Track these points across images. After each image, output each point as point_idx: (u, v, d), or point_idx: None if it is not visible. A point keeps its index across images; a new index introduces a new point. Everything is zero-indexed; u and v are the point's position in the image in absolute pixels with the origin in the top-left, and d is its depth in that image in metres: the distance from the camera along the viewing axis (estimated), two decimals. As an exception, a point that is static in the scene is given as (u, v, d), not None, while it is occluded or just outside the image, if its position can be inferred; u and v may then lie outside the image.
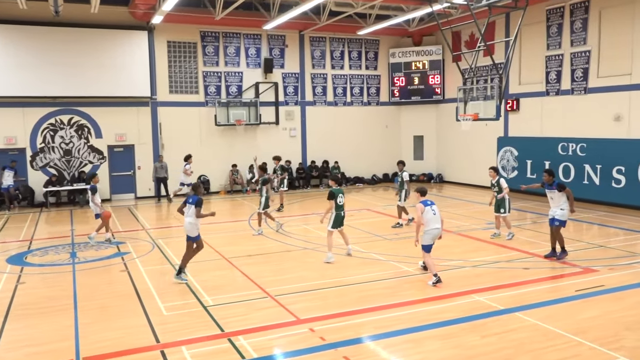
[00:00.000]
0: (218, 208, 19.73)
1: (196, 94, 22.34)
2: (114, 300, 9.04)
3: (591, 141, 17.75)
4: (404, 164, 15.00)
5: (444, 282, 9.69)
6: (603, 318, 7.75)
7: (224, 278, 10.20)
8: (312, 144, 24.39)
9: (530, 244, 12.39)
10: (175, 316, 8.17)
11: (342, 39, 24.55)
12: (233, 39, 22.65)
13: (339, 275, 10.15)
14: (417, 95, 25.13)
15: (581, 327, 7.38)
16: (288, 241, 13.23)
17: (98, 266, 11.28)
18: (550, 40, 19.36)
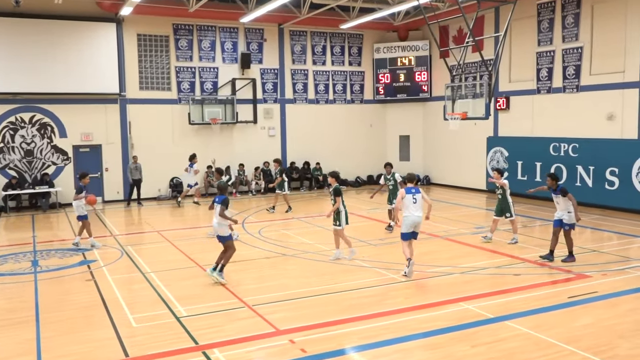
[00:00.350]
0: (192, 212, 19.61)
1: (168, 91, 22.20)
2: (80, 311, 8.92)
3: (584, 141, 18.04)
4: (392, 166, 15.02)
5: (431, 289, 9.75)
6: (596, 326, 7.87)
7: (198, 287, 10.12)
8: (292, 144, 24.38)
9: (521, 249, 12.53)
10: (145, 328, 8.09)
11: (324, 33, 24.61)
12: (208, 32, 22.56)
13: (321, 283, 10.15)
14: (403, 92, 25.29)
15: (574, 336, 7.49)
16: (267, 247, 13.20)
17: (62, 275, 11.13)
18: (541, 35, 19.64)
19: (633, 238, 13.66)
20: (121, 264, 12.02)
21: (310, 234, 14.84)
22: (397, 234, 14.37)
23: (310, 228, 15.69)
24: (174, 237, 14.61)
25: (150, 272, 11.19)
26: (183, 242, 13.97)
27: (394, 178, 14.52)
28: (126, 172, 20.81)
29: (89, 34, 20.40)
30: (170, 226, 16.74)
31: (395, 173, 14.63)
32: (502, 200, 13.12)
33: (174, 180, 22.29)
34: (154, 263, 11.94)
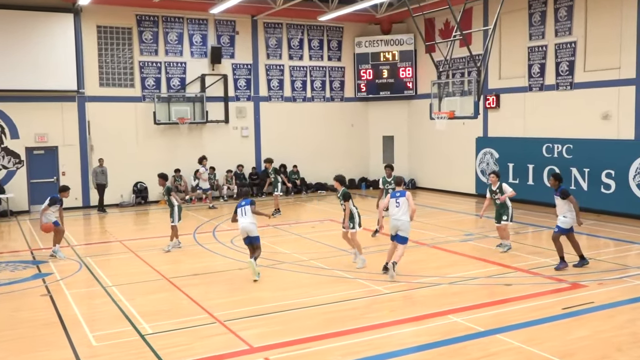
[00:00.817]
0: (158, 219, 19.45)
1: (132, 88, 22.02)
2: (34, 329, 8.78)
3: (578, 142, 18.33)
4: (393, 169, 15.04)
5: (418, 301, 9.81)
6: (592, 338, 7.98)
7: (165, 301, 10.05)
8: (267, 145, 24.35)
9: (513, 257, 12.67)
10: (106, 347, 8.00)
11: (301, 25, 24.65)
12: (175, 24, 22.44)
13: (299, 295, 10.14)
14: (386, 90, 25.44)
15: (569, 349, 7.58)
16: (240, 257, 13.14)
17: (14, 290, 10.95)
18: (533, 29, 19.93)
19: (631, 245, 13.91)
20: (80, 277, 11.86)
21: (287, 242, 14.82)
22: (382, 241, 14.45)
23: (287, 236, 15.66)
24: (138, 247, 14.48)
25: (111, 285, 11.07)
26: (148, 253, 13.85)
27: (395, 181, 14.22)
28: (92, 176, 20.58)
29: (43, 25, 20.14)
30: (134, 235, 16.58)
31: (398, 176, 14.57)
32: (502, 204, 13.09)
33: (138, 185, 22.10)
34: (116, 276, 11.81)
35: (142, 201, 22.12)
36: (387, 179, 14.79)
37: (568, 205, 11.56)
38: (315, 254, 13.34)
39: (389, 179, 14.74)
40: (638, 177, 16.72)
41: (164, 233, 16.29)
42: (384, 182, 14.82)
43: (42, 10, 20.12)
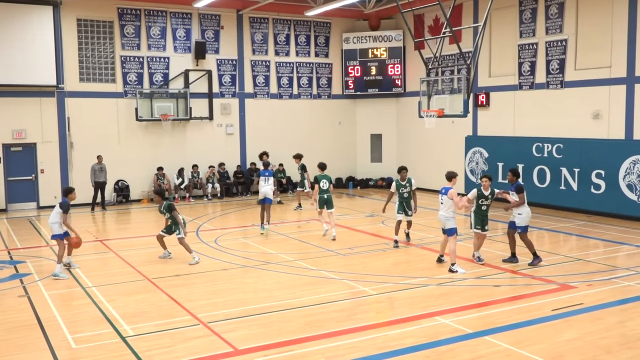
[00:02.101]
0: (141, 219, 19.39)
1: (113, 83, 21.90)
2: (11, 332, 8.73)
3: (568, 141, 18.50)
4: (407, 170, 14.30)
5: (405, 303, 9.87)
6: (581, 340, 8.08)
7: (147, 303, 10.03)
8: (253, 143, 24.32)
9: (502, 257, 12.75)
10: (86, 349, 7.97)
11: (287, 20, 24.64)
12: (158, 17, 22.35)
13: (283, 297, 10.16)
14: (374, 87, 25.51)
15: (558, 352, 7.67)
16: (224, 258, 13.14)
17: (-10, 291, 10.86)
18: (523, 27, 20.08)
19: (620, 245, 14.08)
20: (58, 277, 11.80)
21: (273, 243, 14.84)
22: (364, 242, 14.50)
23: (273, 236, 15.67)
24: (119, 247, 14.43)
25: (91, 286, 11.02)
26: (130, 253, 13.80)
27: (410, 184, 13.96)
28: (91, 173, 20.42)
29: (21, 18, 19.96)
30: (115, 235, 16.51)
31: (412, 179, 14.07)
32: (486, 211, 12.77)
33: (119, 184, 22.00)
34: (97, 276, 11.76)
35: (123, 200, 22.02)
36: (402, 183, 14.01)
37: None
38: (301, 254, 13.36)
39: (403, 182, 14.00)
40: (628, 177, 16.92)
41: (145, 232, 16.26)
42: (398, 186, 14.00)
43: (21, 3, 19.92)
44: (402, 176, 14.13)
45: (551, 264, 12.21)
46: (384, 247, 14.14)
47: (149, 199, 22.35)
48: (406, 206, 14.05)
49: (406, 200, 14.04)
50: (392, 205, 14.53)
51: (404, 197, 14.04)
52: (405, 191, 14.03)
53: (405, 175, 14.13)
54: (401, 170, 14.29)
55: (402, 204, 14.04)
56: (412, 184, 14.04)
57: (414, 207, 14.14)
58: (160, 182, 21.96)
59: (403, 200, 14.04)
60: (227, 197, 23.13)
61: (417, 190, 14.46)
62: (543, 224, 16.72)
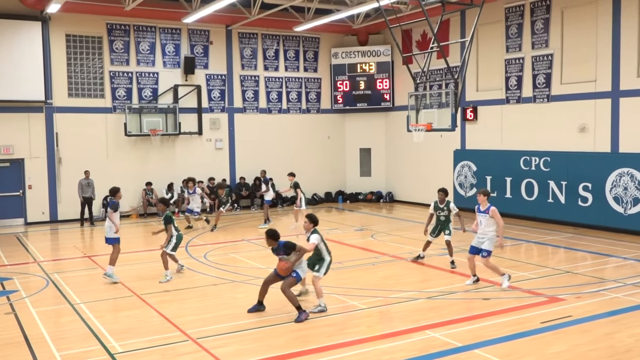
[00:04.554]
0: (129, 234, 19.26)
1: (102, 98, 21.87)
2: (-3, 349, 8.63)
3: (555, 155, 18.65)
4: (447, 193, 13.50)
5: (395, 316, 9.86)
6: (570, 352, 8.11)
7: (136, 319, 9.97)
8: (242, 157, 24.33)
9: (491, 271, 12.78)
10: (74, 367, 7.90)
11: (276, 35, 24.76)
12: (147, 33, 22.38)
13: (274, 311, 10.13)
14: (363, 101, 25.63)
15: (547, 364, 7.70)
16: (214, 273, 13.09)
17: (-23, 308, 10.75)
18: (510, 42, 20.30)
19: (608, 258, 14.16)
20: (46, 294, 11.70)
21: (262, 257, 14.77)
22: (354, 257, 14.50)
23: (262, 251, 15.61)
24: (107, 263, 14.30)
25: (80, 302, 10.94)
26: (118, 268, 13.67)
27: (448, 208, 13.30)
28: (78, 189, 20.30)
29: (9, 33, 19.92)
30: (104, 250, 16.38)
31: (451, 202, 13.41)
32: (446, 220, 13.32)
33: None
34: (85, 292, 11.68)
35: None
36: (440, 205, 13.35)
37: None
38: (290, 269, 13.31)
39: (441, 205, 13.33)
40: (614, 189, 17.07)
41: (134, 248, 16.17)
42: (436, 208, 13.40)
43: (9, 18, 19.90)
44: (440, 198, 13.32)
45: (540, 277, 12.26)
46: (374, 260, 14.15)
47: (137, 214, 22.25)
48: (442, 229, 13.39)
49: (442, 224, 13.37)
50: None
51: (440, 221, 13.39)
52: (442, 214, 13.32)
53: (444, 198, 13.29)
54: (440, 191, 13.39)
55: (437, 227, 13.43)
56: (451, 208, 13.28)
57: (462, 227, 13.24)
58: (148, 197, 21.88)
59: (439, 224, 13.40)
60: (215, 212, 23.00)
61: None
62: (531, 237, 16.82)
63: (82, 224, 20.37)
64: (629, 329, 9.01)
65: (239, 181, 24.12)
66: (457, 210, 13.39)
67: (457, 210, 13.39)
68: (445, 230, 13.36)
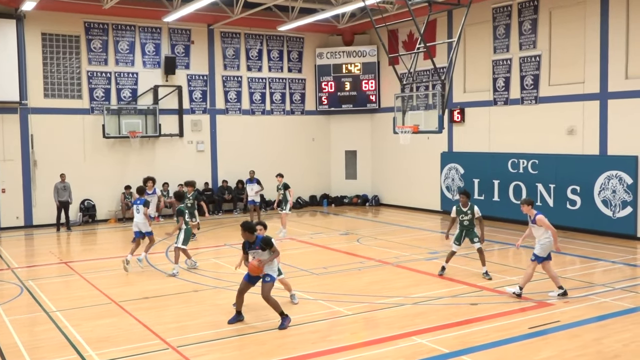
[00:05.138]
0: (108, 240, 19.13)
1: (79, 99, 21.72)
2: (-31, 359, 8.53)
3: (544, 157, 18.82)
4: (469, 197, 12.99)
5: (381, 322, 9.88)
6: (559, 358, 8.18)
7: (114, 327, 9.89)
8: (224, 160, 24.27)
9: (479, 275, 12.86)
10: (50, 377, 7.82)
11: (260, 35, 24.75)
12: (126, 32, 22.27)
13: (256, 318, 10.11)
14: (348, 103, 25.68)
15: (535, 370, 7.75)
16: (195, 279, 13.03)
17: (-52, 317, 10.61)
18: (497, 42, 20.45)
19: (596, 262, 14.31)
20: (20, 302, 11.57)
21: (244, 262, 14.74)
22: (339, 262, 14.51)
23: (245, 256, 15.58)
24: (84, 269, 14.23)
25: (55, 310, 10.84)
26: (96, 275, 13.62)
27: (472, 211, 12.69)
28: (54, 192, 20.09)
29: (-17, 32, 19.75)
30: (81, 256, 16.27)
31: (475, 206, 12.85)
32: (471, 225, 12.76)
33: (85, 203, 21.73)
34: (61, 300, 11.58)
35: (89, 220, 21.74)
36: (463, 209, 12.75)
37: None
38: (274, 274, 13.29)
39: (464, 209, 12.73)
40: (603, 192, 17.25)
41: (112, 254, 16.07)
42: (459, 212, 12.79)
43: (-18, 16, 19.74)
44: (463, 202, 12.77)
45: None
46: (360, 265, 14.16)
47: (116, 218, 22.10)
48: (466, 235, 12.79)
49: (467, 229, 12.76)
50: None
51: (464, 226, 12.78)
52: (465, 219, 12.71)
53: (467, 201, 12.75)
54: (461, 194, 12.91)
55: (462, 233, 12.83)
56: (475, 211, 12.67)
57: (481, 236, 12.76)
58: (127, 201, 21.74)
59: (463, 229, 12.80)
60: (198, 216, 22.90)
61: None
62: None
63: (59, 229, 20.20)
64: (617, 334, 9.11)
65: (222, 184, 24.05)
66: (480, 214, 12.74)
67: (480, 214, 12.74)
68: (473, 238, 12.72)
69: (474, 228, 12.74)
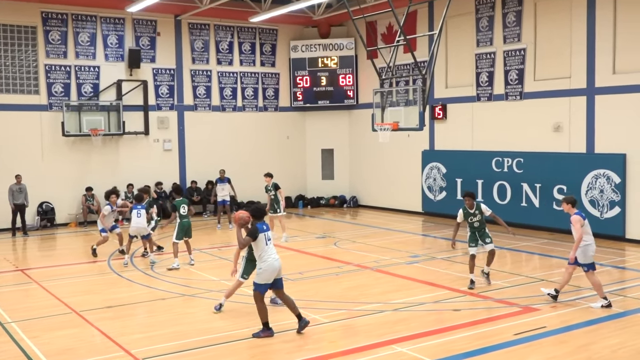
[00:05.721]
0: (67, 245, 18.91)
1: (36, 95, 21.44)
2: None
3: (529, 155, 19.02)
4: (475, 197, 12.88)
5: (360, 330, 9.90)
6: (545, 366, 8.28)
7: (75, 338, 9.78)
8: (193, 160, 24.14)
9: (462, 280, 12.95)
10: (4, 393, 7.71)
11: (230, 27, 24.66)
12: (87, 23, 22.05)
13: (227, 327, 10.07)
14: (325, 99, 25.71)
15: (521, 378, 7.82)
16: (162, 286, 12.94)
17: None
18: (481, 35, 20.63)
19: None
20: (-27, 312, 11.39)
21: (214, 268, 14.70)
22: (316, 266, 14.50)
23: (215, 261, 15.53)
24: (42, 277, 14.04)
25: (11, 322, 10.68)
26: (55, 283, 13.45)
27: (480, 211, 12.52)
28: (9, 195, 19.74)
29: None
30: (39, 263, 16.06)
31: (482, 204, 12.73)
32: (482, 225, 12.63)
33: (43, 206, 21.44)
34: (17, 310, 11.41)
35: (47, 224, 21.45)
36: (470, 211, 12.55)
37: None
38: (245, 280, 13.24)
39: (471, 210, 12.54)
40: (590, 192, 17.49)
41: (73, 260, 15.89)
42: (466, 215, 12.58)
43: None
44: (469, 203, 12.60)
45: (513, 285, 12.47)
46: (337, 270, 14.18)
47: (76, 222, 21.85)
48: (480, 236, 12.60)
49: (478, 230, 12.60)
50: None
51: (475, 227, 12.60)
52: (475, 220, 12.54)
53: (473, 202, 12.59)
54: (466, 196, 12.82)
55: (474, 235, 12.64)
56: (483, 210, 12.53)
57: (507, 229, 12.80)
58: (89, 204, 21.51)
59: (475, 231, 12.63)
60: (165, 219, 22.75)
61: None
62: (504, 243, 17.05)
63: (14, 234, 19.90)
64: (605, 340, 9.24)
65: (190, 185, 23.91)
66: (490, 210, 12.60)
67: (490, 210, 12.60)
68: (486, 238, 12.57)
69: (485, 228, 12.63)
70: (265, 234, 9.71)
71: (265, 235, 9.70)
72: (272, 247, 9.78)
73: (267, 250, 9.63)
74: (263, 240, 9.63)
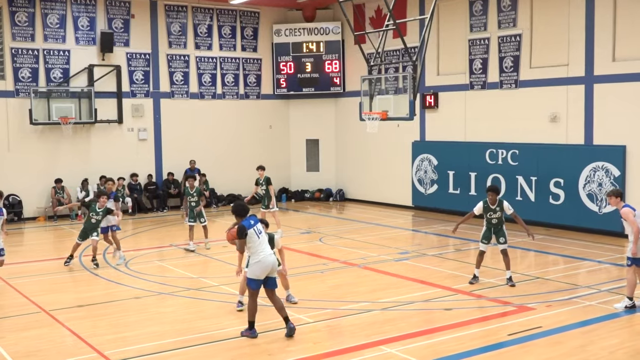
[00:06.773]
0: (35, 240, 18.80)
1: (1, 80, 21.27)
2: None
3: (524, 147, 19.12)
4: (499, 192, 12.80)
5: (346, 331, 9.93)
6: (540, 367, 8.35)
7: (43, 339, 9.75)
8: (170, 150, 24.04)
9: (454, 277, 13.03)
10: (-32, 397, 7.67)
11: (209, 9, 24.55)
12: (56, 4, 21.85)
13: (206, 328, 10.06)
14: (309, 86, 25.67)
15: (514, 381, 7.89)
16: (137, 284, 12.90)
17: None
18: (474, 20, 20.66)
19: (581, 261, 14.61)
20: None
21: (193, 265, 14.68)
22: (300, 263, 14.51)
23: (194, 258, 15.51)
24: (9, 274, 13.93)
25: (-21, 323, 10.62)
26: (23, 281, 13.38)
27: (501, 208, 12.35)
28: None
29: None
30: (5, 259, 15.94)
31: (504, 201, 12.53)
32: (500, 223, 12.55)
33: (10, 199, 21.28)
34: (-19, 310, 11.34)
35: (15, 218, 21.30)
36: (491, 206, 12.41)
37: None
38: (226, 278, 13.22)
39: (493, 206, 12.39)
40: (588, 186, 17.62)
41: (41, 256, 15.81)
42: (486, 210, 12.45)
43: None
44: (492, 199, 12.41)
45: (506, 284, 12.53)
46: (322, 268, 14.20)
47: (45, 216, 21.71)
48: (495, 234, 12.53)
49: (495, 227, 12.51)
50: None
51: (492, 224, 12.51)
52: (494, 217, 12.44)
53: (496, 198, 12.40)
54: (489, 190, 12.64)
55: (490, 231, 12.57)
56: (506, 208, 12.34)
57: (527, 230, 12.56)
58: (59, 197, 21.38)
59: (491, 227, 12.54)
60: (140, 213, 22.72)
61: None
62: (498, 239, 17.19)
63: None
64: (602, 340, 9.33)
65: (167, 177, 23.82)
66: (512, 210, 12.42)
67: (512, 210, 12.42)
68: (500, 238, 12.48)
69: (503, 227, 12.53)
70: (254, 228, 9.72)
71: (255, 229, 9.72)
72: (266, 242, 9.82)
73: (260, 243, 9.70)
74: (254, 235, 9.67)
